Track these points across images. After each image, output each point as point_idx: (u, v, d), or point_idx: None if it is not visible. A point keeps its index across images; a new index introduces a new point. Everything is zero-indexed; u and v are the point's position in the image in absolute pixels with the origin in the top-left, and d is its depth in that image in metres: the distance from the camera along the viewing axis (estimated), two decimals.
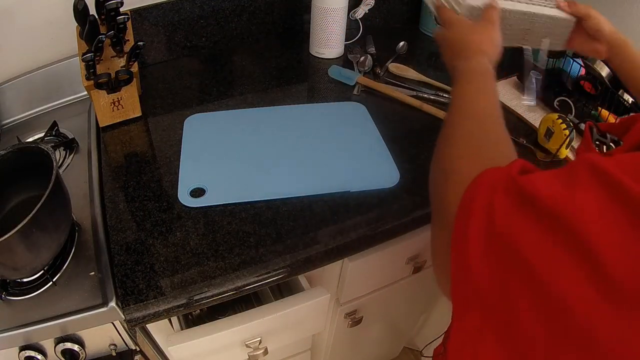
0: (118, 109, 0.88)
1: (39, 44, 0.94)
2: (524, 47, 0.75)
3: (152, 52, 1.06)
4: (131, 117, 0.91)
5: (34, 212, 0.57)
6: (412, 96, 0.99)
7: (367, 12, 1.21)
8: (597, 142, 0.58)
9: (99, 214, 0.74)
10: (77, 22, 0.80)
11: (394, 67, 1.09)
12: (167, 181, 0.78)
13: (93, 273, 0.66)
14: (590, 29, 0.70)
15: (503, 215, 0.32)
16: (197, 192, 0.76)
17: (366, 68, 1.07)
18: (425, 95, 1.00)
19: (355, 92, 1.01)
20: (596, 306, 0.25)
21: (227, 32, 1.12)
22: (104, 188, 0.78)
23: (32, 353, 0.66)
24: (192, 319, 0.84)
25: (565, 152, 0.84)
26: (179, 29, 1.06)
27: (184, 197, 0.74)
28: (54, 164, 0.63)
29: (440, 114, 0.93)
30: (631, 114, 0.69)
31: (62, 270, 0.67)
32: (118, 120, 0.90)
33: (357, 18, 1.20)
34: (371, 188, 0.77)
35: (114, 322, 0.68)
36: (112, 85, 0.83)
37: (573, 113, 0.96)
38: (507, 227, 0.31)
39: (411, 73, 1.07)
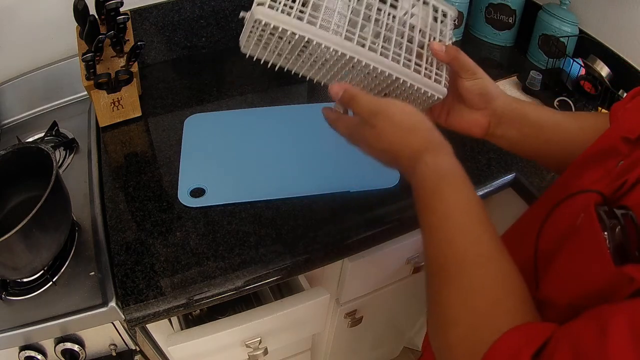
0: (118, 109, 0.88)
1: (39, 44, 0.94)
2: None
3: (152, 52, 1.06)
4: (131, 117, 0.91)
5: (34, 212, 0.57)
6: None
7: None
8: None
9: (99, 214, 0.74)
10: (77, 22, 0.80)
11: None
12: (167, 181, 0.78)
13: (93, 273, 0.66)
14: (471, 91, 0.51)
15: None
16: (197, 192, 0.76)
17: None
18: None
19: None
20: None
21: (227, 32, 1.12)
22: (104, 188, 0.78)
23: (32, 353, 0.66)
24: (192, 319, 0.84)
25: None
26: (179, 29, 1.06)
27: (184, 197, 0.74)
28: (54, 164, 0.63)
29: None
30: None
31: (62, 270, 0.67)
32: (118, 120, 0.89)
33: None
34: (371, 188, 0.77)
35: (114, 322, 0.68)
36: (112, 85, 0.83)
37: None
38: None
39: None
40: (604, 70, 0.99)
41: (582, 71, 1.00)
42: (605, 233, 0.31)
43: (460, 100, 0.53)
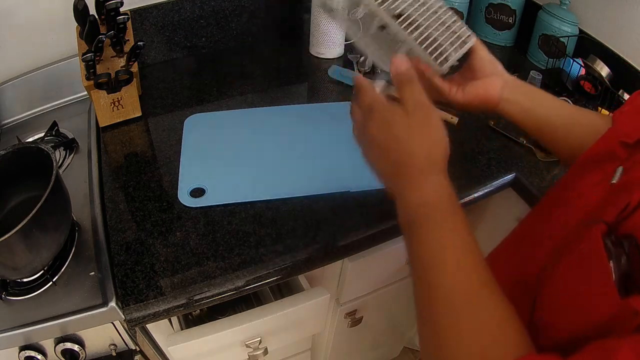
0: (118, 109, 0.88)
1: (39, 44, 0.94)
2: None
3: (152, 52, 1.06)
4: (131, 117, 0.91)
5: (34, 212, 0.57)
6: None
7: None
8: None
9: (99, 214, 0.74)
10: (77, 22, 0.80)
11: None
12: (167, 181, 0.78)
13: (93, 273, 0.66)
14: (485, 59, 0.57)
15: None
16: (197, 192, 0.76)
17: (366, 68, 1.07)
18: None
19: (354, 92, 1.00)
20: None
21: (227, 32, 1.12)
22: (104, 188, 0.78)
23: (32, 353, 0.66)
24: (192, 319, 0.84)
25: None
26: (179, 29, 1.06)
27: (184, 197, 0.74)
28: (54, 164, 0.63)
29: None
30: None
31: (62, 270, 0.67)
32: (118, 120, 0.89)
33: (357, 18, 1.20)
34: (371, 188, 0.77)
35: (114, 322, 0.68)
36: (112, 85, 0.83)
37: None
38: None
39: None
40: (604, 70, 0.99)
41: (582, 71, 1.00)
42: (611, 262, 0.30)
43: (471, 75, 0.57)
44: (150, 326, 0.71)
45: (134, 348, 0.74)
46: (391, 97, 0.47)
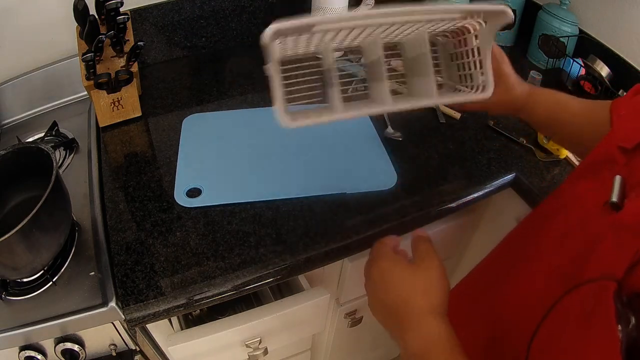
0: (118, 109, 0.88)
1: (39, 44, 0.94)
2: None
3: (152, 52, 1.06)
4: (131, 117, 0.91)
5: (34, 212, 0.57)
6: None
7: None
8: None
9: (99, 214, 0.74)
10: (77, 22, 0.80)
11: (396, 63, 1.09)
12: (167, 181, 0.78)
13: (93, 273, 0.66)
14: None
15: None
16: (194, 192, 0.76)
17: (367, 69, 1.07)
18: None
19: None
20: None
21: (227, 32, 1.12)
22: (104, 188, 0.78)
23: (32, 353, 0.66)
24: (192, 319, 0.84)
25: (565, 152, 0.84)
26: (179, 29, 1.06)
27: (180, 197, 0.74)
28: (54, 164, 0.63)
29: (443, 108, 0.93)
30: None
31: (62, 270, 0.67)
32: (118, 120, 0.90)
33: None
34: (371, 189, 0.77)
35: (114, 322, 0.68)
36: (112, 85, 0.83)
37: None
38: None
39: None
40: (604, 70, 0.99)
41: (582, 71, 1.00)
42: (619, 326, 0.29)
43: None
44: (150, 326, 0.71)
45: (134, 348, 0.74)
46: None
